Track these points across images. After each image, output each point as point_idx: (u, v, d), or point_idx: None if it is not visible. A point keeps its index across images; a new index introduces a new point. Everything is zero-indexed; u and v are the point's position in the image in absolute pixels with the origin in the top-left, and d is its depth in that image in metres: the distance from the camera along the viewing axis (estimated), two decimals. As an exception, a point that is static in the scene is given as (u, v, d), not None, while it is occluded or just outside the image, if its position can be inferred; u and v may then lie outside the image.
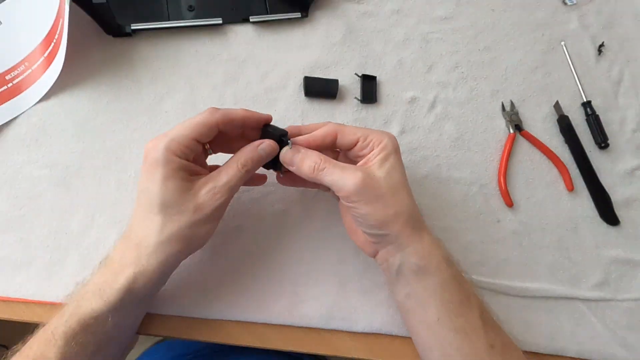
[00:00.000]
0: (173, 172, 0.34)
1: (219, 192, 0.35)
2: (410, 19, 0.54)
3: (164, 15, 0.48)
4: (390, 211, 0.36)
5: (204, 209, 0.35)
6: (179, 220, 0.34)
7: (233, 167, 0.36)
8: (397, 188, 0.37)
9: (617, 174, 0.53)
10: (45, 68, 0.44)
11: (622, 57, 0.58)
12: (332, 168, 0.37)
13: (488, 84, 0.54)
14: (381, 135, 0.38)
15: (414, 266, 0.38)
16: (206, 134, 0.36)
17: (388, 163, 0.37)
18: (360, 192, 0.36)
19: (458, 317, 0.37)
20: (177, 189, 0.34)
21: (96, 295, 0.34)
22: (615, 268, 0.50)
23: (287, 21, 0.51)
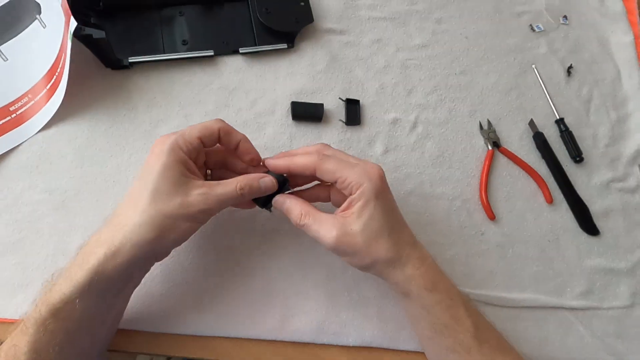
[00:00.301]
0: (173, 163, 0.36)
1: (209, 198, 0.36)
2: (390, 47, 0.58)
3: (160, 49, 0.52)
4: (366, 261, 0.38)
5: (189, 207, 0.35)
6: (162, 207, 0.34)
7: (231, 185, 0.37)
8: (374, 238, 0.37)
9: (593, 187, 0.56)
10: (47, 99, 0.47)
11: (590, 78, 0.61)
12: (311, 223, 0.38)
13: (466, 105, 0.57)
14: (360, 178, 0.37)
15: (399, 291, 0.40)
16: (209, 135, 0.38)
17: (367, 212, 0.37)
18: (335, 248, 0.38)
19: (447, 337, 0.39)
20: (173, 180, 0.35)
21: (67, 279, 0.33)
22: (599, 277, 0.52)
23: (275, 52, 0.55)
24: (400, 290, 0.40)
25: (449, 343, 0.39)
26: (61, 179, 0.46)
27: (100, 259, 0.33)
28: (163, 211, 0.34)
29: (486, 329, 0.40)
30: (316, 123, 0.53)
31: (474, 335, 0.38)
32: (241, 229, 0.47)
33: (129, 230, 0.34)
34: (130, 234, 0.34)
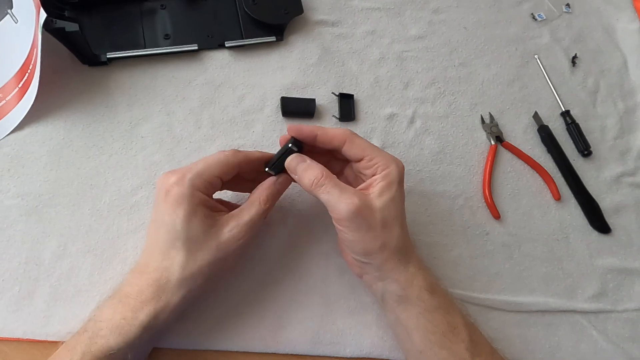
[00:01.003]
0: (197, 208, 0.35)
1: (242, 230, 0.36)
2: (385, 39, 0.55)
3: (140, 43, 0.49)
4: (377, 243, 0.36)
5: (227, 247, 0.35)
6: (202, 257, 0.35)
7: (255, 204, 0.37)
8: (390, 221, 0.36)
9: (603, 181, 0.53)
10: (19, 98, 0.44)
11: (595, 68, 0.59)
12: (331, 187, 0.36)
13: (466, 98, 0.54)
14: (387, 161, 0.37)
15: (395, 296, 0.38)
16: (229, 172, 0.37)
17: (388, 193, 0.36)
18: (352, 219, 0.35)
19: (442, 349, 0.36)
20: (201, 225, 0.35)
21: (114, 332, 0.33)
22: (612, 277, 0.48)
23: (263, 45, 0.52)
24: (399, 292, 0.37)
25: (443, 355, 0.36)
26: (34, 182, 0.43)
27: (150, 315, 0.33)
28: (202, 261, 0.35)
29: (480, 343, 0.38)
30: (308, 119, 0.50)
31: (467, 347, 0.36)
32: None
33: (173, 286, 0.34)
34: (176, 288, 0.34)
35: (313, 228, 0.45)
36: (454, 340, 0.36)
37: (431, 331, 0.36)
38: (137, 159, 0.45)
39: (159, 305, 0.34)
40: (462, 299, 0.45)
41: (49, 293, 0.40)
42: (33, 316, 0.39)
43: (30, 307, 0.39)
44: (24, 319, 0.39)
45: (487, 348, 0.38)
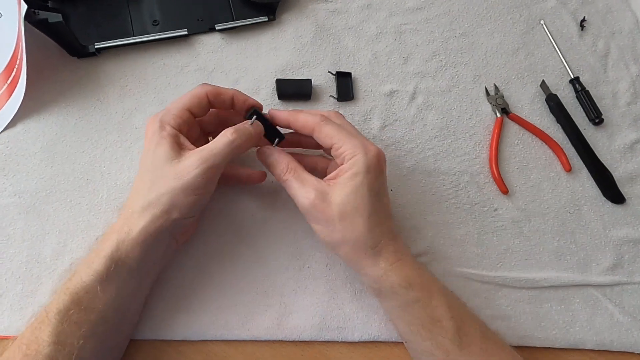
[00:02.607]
0: (163, 139, 0.35)
1: (202, 157, 0.34)
2: (381, 12, 0.53)
3: (129, 31, 0.48)
4: (336, 236, 0.36)
5: (183, 175, 0.34)
6: (161, 185, 0.34)
7: (221, 138, 0.35)
8: (350, 214, 0.35)
9: (616, 150, 0.51)
10: (8, 95, 0.43)
11: (605, 30, 0.56)
12: (292, 181, 0.36)
13: (469, 70, 0.52)
14: (355, 149, 0.35)
15: (370, 288, 0.38)
16: (197, 104, 0.37)
17: (350, 185, 0.35)
18: (309, 212, 0.36)
19: (424, 340, 0.35)
20: (165, 155, 0.34)
21: (85, 266, 0.34)
22: (627, 249, 0.47)
23: (255, 26, 0.50)
24: (372, 284, 0.37)
25: (427, 346, 0.35)
26: (30, 179, 0.43)
27: (113, 246, 0.34)
28: (160, 189, 0.34)
29: (470, 331, 0.36)
30: (305, 101, 0.48)
31: (452, 338, 0.35)
32: (229, 221, 0.43)
33: (136, 215, 0.34)
34: (137, 218, 0.34)
35: (315, 212, 0.44)
36: (437, 332, 0.35)
37: (411, 322, 0.36)
38: (132, 151, 0.45)
39: (121, 234, 0.34)
40: (471, 277, 0.43)
41: (53, 290, 0.40)
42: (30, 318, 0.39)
43: (34, 305, 0.39)
44: (28, 317, 0.39)
45: (477, 338, 0.36)
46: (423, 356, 0.36)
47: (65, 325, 0.32)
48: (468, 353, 0.35)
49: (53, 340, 0.31)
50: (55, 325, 0.32)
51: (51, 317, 0.32)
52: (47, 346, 0.31)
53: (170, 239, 0.37)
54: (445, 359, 0.35)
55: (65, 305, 0.32)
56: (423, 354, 0.36)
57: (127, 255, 0.34)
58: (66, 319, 0.32)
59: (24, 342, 0.32)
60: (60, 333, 0.32)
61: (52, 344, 0.31)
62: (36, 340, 0.32)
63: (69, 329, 0.32)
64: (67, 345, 0.32)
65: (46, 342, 0.31)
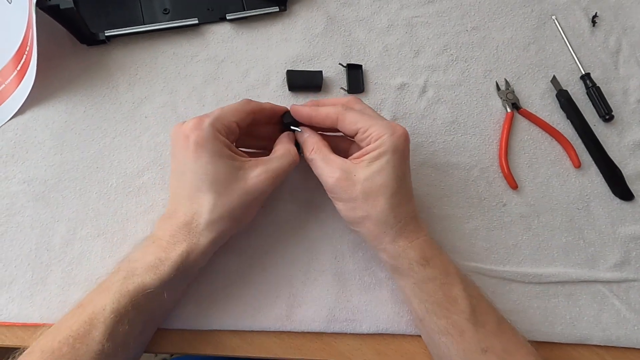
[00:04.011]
0: (221, 150, 0.35)
1: (270, 176, 0.36)
2: (393, 5, 0.53)
3: (139, 20, 0.47)
4: (358, 214, 0.36)
5: (254, 192, 0.35)
6: (230, 199, 0.34)
7: (286, 155, 0.38)
8: (373, 192, 0.35)
9: (625, 147, 0.50)
10: (18, 82, 0.43)
11: (617, 26, 0.55)
12: (319, 160, 0.37)
13: (480, 64, 0.52)
14: (382, 130, 0.36)
15: (388, 264, 0.38)
16: (243, 119, 0.37)
17: (377, 164, 0.35)
18: (334, 190, 0.37)
19: (440, 318, 0.36)
20: (227, 167, 0.35)
21: (149, 272, 0.33)
22: (635, 246, 0.47)
23: (265, 16, 0.50)
24: (390, 261, 0.37)
25: (442, 325, 0.35)
26: (40, 167, 0.42)
27: (182, 255, 0.34)
28: (230, 203, 0.34)
29: (485, 312, 0.36)
30: (315, 92, 0.48)
31: (469, 317, 0.35)
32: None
33: (204, 228, 0.34)
34: (206, 230, 0.34)
35: (325, 205, 0.44)
36: (453, 311, 0.35)
37: (427, 300, 0.36)
38: (141, 140, 0.44)
39: (189, 246, 0.34)
40: (479, 271, 0.44)
41: (62, 278, 0.40)
42: (48, 301, 0.39)
43: (44, 292, 0.39)
44: (39, 304, 0.39)
45: (493, 318, 0.36)
46: (437, 335, 0.36)
47: (120, 326, 0.32)
48: (483, 332, 0.35)
49: (107, 339, 0.31)
50: (110, 325, 0.31)
51: (107, 316, 0.31)
52: (98, 343, 0.31)
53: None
54: (460, 338, 0.35)
55: (124, 306, 0.32)
56: (438, 333, 0.36)
57: (194, 262, 0.35)
58: (125, 319, 0.32)
59: (71, 335, 0.31)
60: (115, 332, 0.32)
61: (104, 341, 0.31)
62: (87, 335, 0.31)
63: (125, 329, 0.32)
64: (119, 345, 0.32)
65: (98, 339, 0.31)
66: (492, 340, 0.35)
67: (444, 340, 0.35)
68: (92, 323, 0.31)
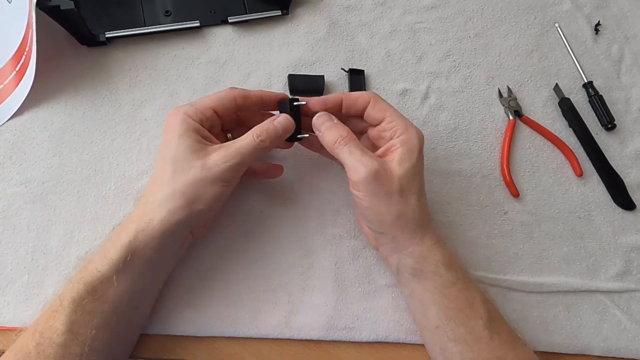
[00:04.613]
0: (187, 132, 0.35)
1: (230, 153, 0.34)
2: (396, 10, 0.53)
3: (140, 21, 0.47)
4: (392, 211, 0.35)
5: (212, 168, 0.34)
6: (186, 175, 0.34)
7: (248, 137, 0.36)
8: (408, 189, 0.35)
9: (627, 156, 0.50)
10: (16, 83, 0.43)
11: (620, 35, 0.55)
12: (353, 148, 0.35)
13: (482, 71, 0.52)
14: (407, 126, 0.36)
15: (410, 269, 0.37)
16: (222, 105, 0.37)
17: (409, 161, 0.35)
18: (369, 182, 0.34)
19: (459, 325, 0.35)
20: (189, 147, 0.34)
21: (101, 255, 0.33)
22: (637, 255, 0.47)
23: (268, 20, 0.49)
24: (414, 265, 0.36)
25: (460, 332, 0.35)
26: (37, 169, 0.42)
27: (131, 236, 0.33)
28: (185, 179, 0.34)
29: (499, 320, 0.36)
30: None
31: (485, 324, 0.35)
32: (238, 218, 0.43)
33: (156, 204, 0.34)
34: (157, 208, 0.33)
35: (325, 211, 0.44)
36: (472, 317, 0.35)
37: (448, 306, 0.35)
38: (140, 143, 0.44)
39: (140, 224, 0.33)
40: (480, 280, 0.43)
41: (58, 282, 0.39)
42: (44, 305, 0.38)
43: (40, 296, 0.39)
44: (34, 308, 0.38)
45: (505, 326, 0.37)
46: (452, 344, 0.35)
47: (78, 314, 0.32)
48: (498, 340, 0.35)
49: (66, 329, 0.31)
50: (69, 314, 0.31)
51: (65, 305, 0.32)
52: (60, 335, 0.31)
53: (188, 232, 0.36)
54: (475, 345, 0.34)
55: (80, 294, 0.32)
56: (453, 341, 0.35)
57: (145, 246, 0.33)
58: (80, 308, 0.32)
59: (37, 330, 0.32)
60: (74, 322, 0.31)
61: (65, 332, 0.31)
62: (50, 329, 0.31)
63: (82, 319, 0.32)
64: (80, 335, 0.31)
65: (59, 330, 0.31)
66: (506, 349, 0.35)
67: (459, 349, 0.35)
68: (54, 315, 0.32)
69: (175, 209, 0.33)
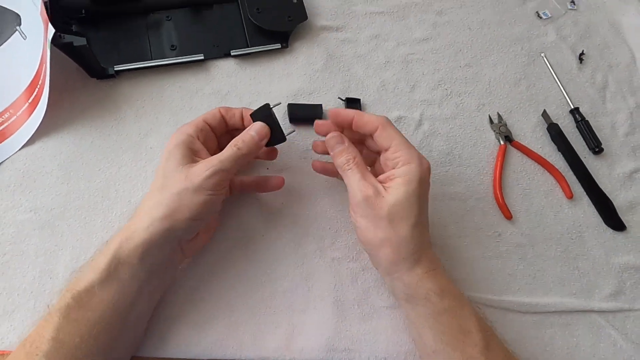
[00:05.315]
0: (177, 146, 0.37)
1: (211, 164, 0.36)
2: (389, 42, 0.55)
3: (147, 55, 0.49)
4: (379, 235, 0.36)
5: (193, 178, 0.35)
6: (170, 187, 0.36)
7: (228, 147, 0.38)
8: (398, 216, 0.36)
9: (615, 178, 0.52)
10: (29, 114, 0.45)
11: (603, 64, 0.58)
12: (357, 172, 0.38)
13: (473, 99, 0.54)
14: (410, 157, 0.37)
15: (402, 293, 0.38)
16: (212, 116, 0.41)
17: (405, 190, 0.36)
18: (362, 205, 0.37)
19: (454, 350, 0.36)
20: (177, 160, 0.37)
21: (90, 265, 0.35)
22: (629, 275, 0.48)
23: (268, 52, 0.52)
24: (405, 291, 0.37)
25: (456, 357, 0.35)
26: (46, 196, 0.43)
27: (115, 245, 0.34)
28: (170, 189, 0.35)
29: (496, 346, 0.37)
30: (315, 125, 0.50)
31: (482, 351, 0.35)
32: (239, 240, 0.44)
33: (142, 214, 0.35)
34: (142, 217, 0.35)
35: (325, 234, 0.45)
36: (467, 343, 0.35)
37: (442, 332, 0.36)
38: (146, 170, 0.46)
39: (126, 234, 0.35)
40: (477, 301, 0.44)
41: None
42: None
43: (45, 320, 0.39)
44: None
45: (503, 352, 0.37)
46: None
47: (64, 322, 0.32)
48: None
49: (52, 337, 0.32)
50: (56, 322, 0.32)
51: (53, 314, 0.33)
52: (46, 343, 0.32)
53: (176, 244, 0.37)
54: None
55: (67, 303, 0.33)
56: None
57: (130, 255, 0.34)
58: (66, 317, 0.33)
59: (28, 340, 0.33)
60: (60, 330, 0.32)
61: (51, 340, 0.32)
62: (38, 338, 0.32)
63: (68, 327, 0.33)
64: (66, 344, 0.32)
65: (46, 339, 0.32)
66: None
67: None
68: (44, 325, 0.33)
69: (159, 217, 0.34)
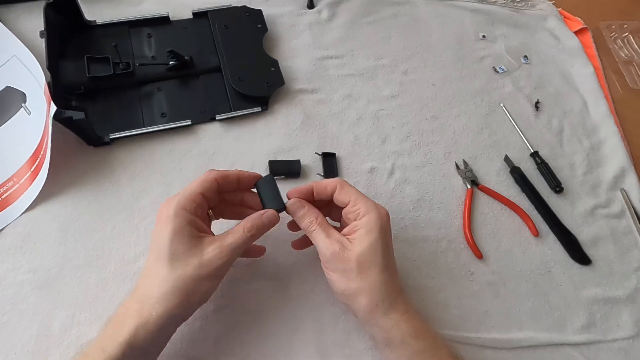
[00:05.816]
0: (182, 226, 0.37)
1: (224, 250, 0.37)
2: (360, 101, 0.61)
3: (139, 122, 0.54)
4: (352, 286, 0.39)
5: (208, 265, 0.36)
6: (183, 273, 0.36)
7: (239, 230, 0.39)
8: (366, 266, 0.38)
9: (578, 215, 0.56)
10: (31, 181, 0.49)
11: (558, 110, 0.64)
12: (320, 231, 0.40)
13: (440, 148, 0.59)
14: (368, 208, 0.40)
15: (381, 337, 0.40)
16: (208, 188, 0.40)
17: (367, 240, 0.39)
18: (331, 261, 0.39)
19: None
20: (185, 243, 0.37)
21: (99, 350, 0.35)
22: (598, 308, 0.50)
23: (250, 115, 0.57)
24: (382, 335, 0.39)
25: None
26: (45, 257, 0.46)
27: (131, 332, 0.34)
28: (183, 277, 0.36)
29: None
30: (295, 179, 0.54)
31: None
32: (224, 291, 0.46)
33: (155, 301, 0.35)
34: (157, 304, 0.35)
35: (306, 280, 0.48)
36: None
37: None
38: (138, 228, 0.49)
39: (139, 321, 0.35)
40: (453, 339, 0.46)
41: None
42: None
43: (41, 378, 0.41)
44: (35, 391, 0.41)
45: None
46: None
47: None
48: None
49: None
50: None
51: None
52: None
53: (182, 320, 0.39)
54: None
55: None
56: None
57: (144, 340, 0.35)
58: None
59: None
60: None
61: None
62: None
63: None
64: None
65: None
66: None
67: None
68: None
69: (174, 305, 0.35)
